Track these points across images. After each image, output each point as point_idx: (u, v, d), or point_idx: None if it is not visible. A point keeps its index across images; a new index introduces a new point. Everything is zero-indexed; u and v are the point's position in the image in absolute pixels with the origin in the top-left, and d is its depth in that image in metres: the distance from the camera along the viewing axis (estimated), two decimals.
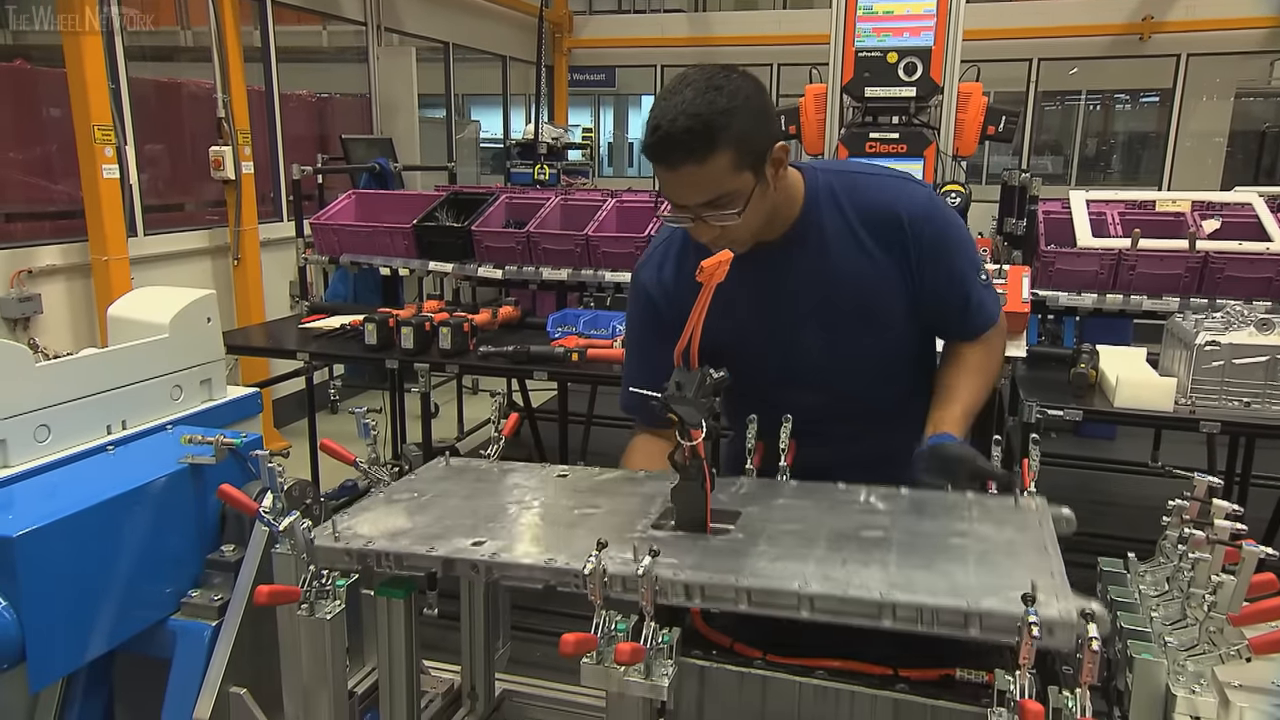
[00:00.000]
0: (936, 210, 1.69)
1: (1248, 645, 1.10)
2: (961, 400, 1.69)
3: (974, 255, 1.73)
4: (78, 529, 1.40)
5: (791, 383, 1.76)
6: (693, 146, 1.41)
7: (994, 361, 1.79)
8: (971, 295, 1.72)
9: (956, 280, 1.70)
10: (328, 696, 1.41)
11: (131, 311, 1.88)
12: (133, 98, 5.02)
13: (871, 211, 1.65)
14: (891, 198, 1.67)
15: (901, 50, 3.14)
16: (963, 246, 1.71)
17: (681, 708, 1.30)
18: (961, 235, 1.72)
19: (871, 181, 1.70)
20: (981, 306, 1.74)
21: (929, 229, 1.65)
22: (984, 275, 1.74)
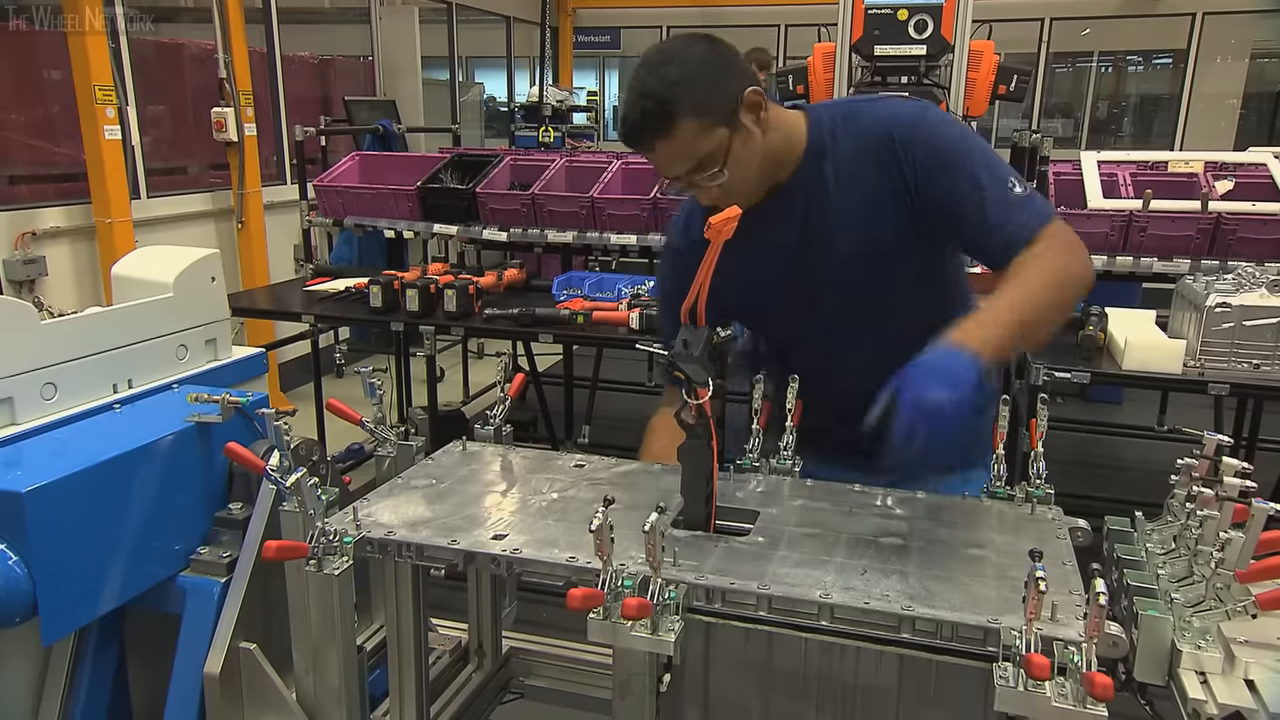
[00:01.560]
0: (927, 121, 1.56)
1: (1254, 601, 1.10)
2: (993, 307, 1.42)
3: (990, 161, 1.54)
4: (86, 485, 1.40)
5: (806, 334, 1.74)
6: (654, 126, 1.47)
7: (1049, 268, 1.46)
8: (988, 203, 1.51)
9: (966, 189, 1.52)
10: (336, 652, 1.43)
11: (135, 270, 1.87)
12: (134, 58, 4.97)
13: (866, 140, 1.58)
14: (882, 120, 1.58)
15: (912, 7, 3.08)
16: (967, 153, 1.54)
17: (687, 663, 1.32)
18: (962, 143, 1.55)
19: (867, 109, 1.62)
20: (1007, 212, 1.50)
21: (920, 141, 1.54)
22: (1014, 182, 1.52)
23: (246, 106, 5.31)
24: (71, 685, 1.57)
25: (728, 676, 1.31)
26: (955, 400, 1.25)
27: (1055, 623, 1.11)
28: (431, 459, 1.74)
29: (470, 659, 1.95)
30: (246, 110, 5.32)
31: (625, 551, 1.28)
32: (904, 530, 1.41)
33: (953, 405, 1.25)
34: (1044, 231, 1.49)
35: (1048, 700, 1.04)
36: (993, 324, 1.39)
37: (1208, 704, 1.04)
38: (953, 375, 1.29)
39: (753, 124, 1.53)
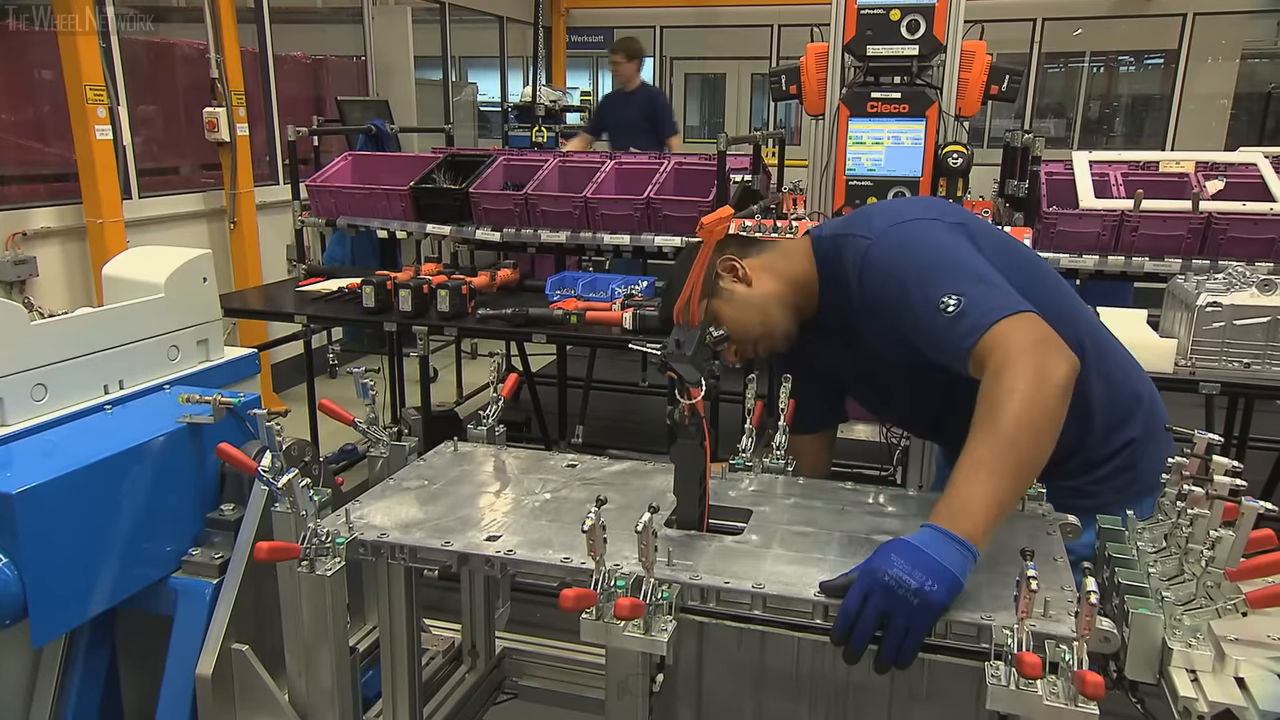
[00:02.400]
0: (868, 266, 1.52)
1: (1245, 600, 1.10)
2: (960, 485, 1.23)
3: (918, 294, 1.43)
4: (77, 487, 1.40)
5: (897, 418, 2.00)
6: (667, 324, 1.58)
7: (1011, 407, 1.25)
8: (924, 341, 1.45)
9: (907, 326, 1.48)
10: (329, 653, 1.42)
11: (126, 271, 1.87)
12: (125, 58, 4.95)
13: (840, 272, 1.60)
14: (848, 259, 1.57)
15: (904, 7, 3.08)
16: (899, 290, 1.47)
17: (681, 663, 1.32)
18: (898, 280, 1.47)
19: (842, 243, 1.60)
20: (939, 339, 1.41)
21: (866, 292, 1.55)
22: (947, 300, 1.39)
23: (239, 106, 5.29)
24: (62, 688, 1.57)
25: (721, 676, 1.31)
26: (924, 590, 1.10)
27: (1048, 619, 1.12)
28: (423, 459, 1.74)
29: (464, 660, 1.95)
30: (238, 110, 5.29)
31: (619, 552, 1.28)
32: (896, 528, 1.42)
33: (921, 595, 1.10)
34: (984, 344, 1.34)
35: (1039, 698, 1.04)
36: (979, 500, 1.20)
37: (1198, 702, 1.04)
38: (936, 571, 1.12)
39: (732, 284, 1.65)
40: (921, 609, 1.11)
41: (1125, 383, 1.66)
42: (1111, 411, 1.62)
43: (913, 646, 1.12)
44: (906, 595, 1.11)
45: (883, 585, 1.12)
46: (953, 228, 1.54)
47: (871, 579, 1.13)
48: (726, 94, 11.23)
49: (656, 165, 4.04)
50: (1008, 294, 1.40)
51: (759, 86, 10.60)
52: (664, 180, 3.88)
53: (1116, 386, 1.64)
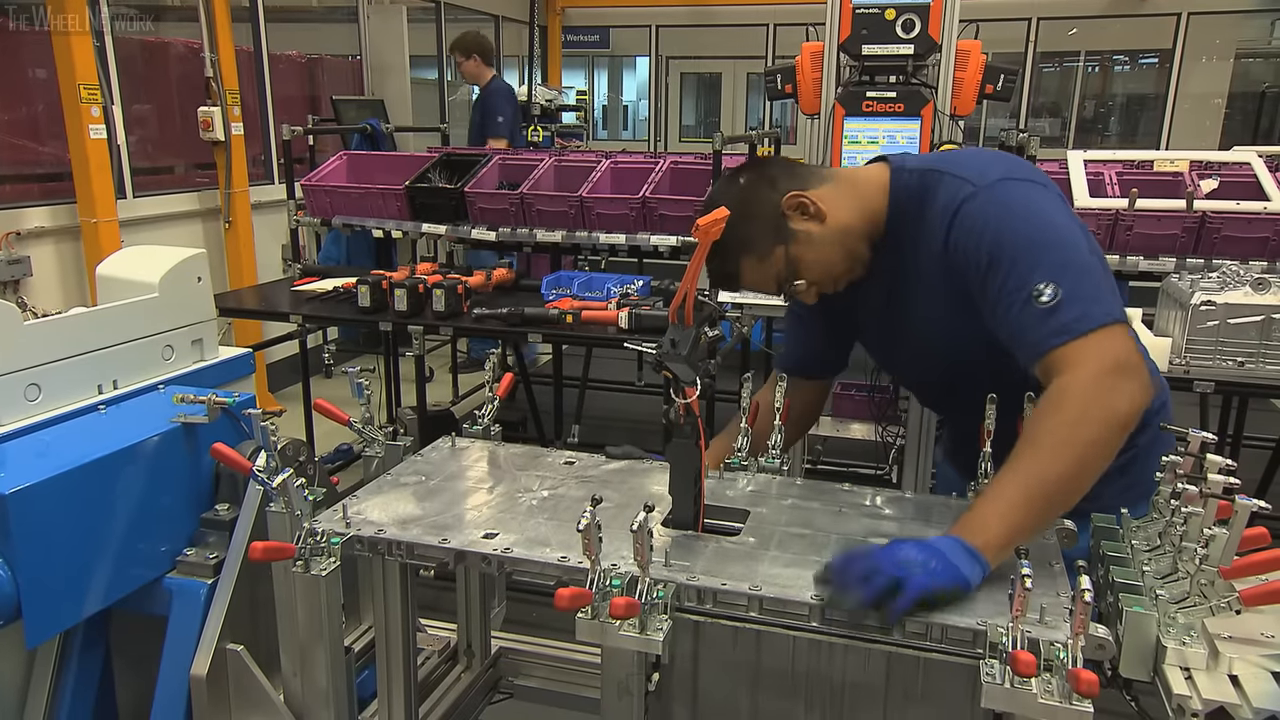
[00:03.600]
0: (970, 211, 1.40)
1: (1238, 598, 1.11)
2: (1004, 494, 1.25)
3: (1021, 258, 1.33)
4: (70, 487, 1.39)
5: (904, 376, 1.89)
6: (729, 279, 1.60)
7: (1066, 425, 1.23)
8: (1003, 317, 1.35)
9: (988, 294, 1.38)
10: (324, 652, 1.42)
11: (120, 270, 1.86)
12: (119, 57, 4.93)
13: (934, 222, 1.46)
14: (942, 205, 1.44)
15: (900, 7, 3.08)
16: (996, 249, 1.36)
17: (676, 662, 1.32)
18: (995, 244, 1.36)
19: (940, 182, 1.47)
20: (1024, 325, 1.31)
21: (959, 236, 1.41)
22: (1043, 288, 1.30)
23: (233, 105, 5.28)
24: (56, 688, 1.56)
25: (716, 675, 1.31)
26: (927, 566, 1.16)
27: (1044, 625, 1.12)
28: (420, 455, 1.74)
29: (459, 659, 1.95)
30: (233, 109, 5.28)
31: (616, 551, 1.28)
32: (894, 530, 1.42)
33: (924, 568, 1.16)
34: (1052, 361, 1.28)
35: (1034, 696, 1.04)
36: (999, 519, 1.22)
37: (1192, 699, 1.04)
38: (945, 558, 1.17)
39: (805, 223, 1.52)
40: (918, 578, 1.15)
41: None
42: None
43: (894, 603, 1.15)
44: (909, 564, 1.16)
45: (889, 557, 1.17)
46: (1061, 203, 1.42)
47: (881, 553, 1.19)
48: (722, 93, 11.24)
49: (652, 165, 4.04)
50: (1106, 294, 1.31)
51: (755, 86, 10.60)
52: (660, 180, 3.87)
53: None
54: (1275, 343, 2.59)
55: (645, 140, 11.13)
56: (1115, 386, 1.25)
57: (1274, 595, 1.09)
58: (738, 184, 1.56)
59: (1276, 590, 1.09)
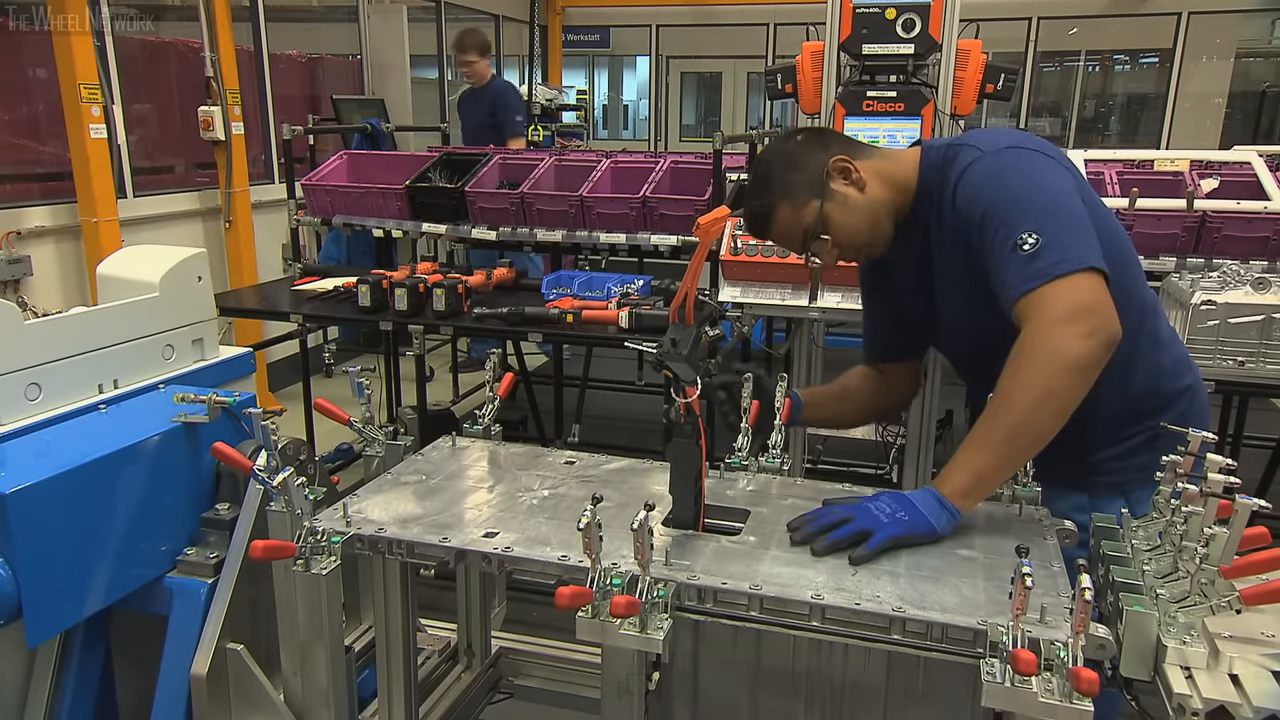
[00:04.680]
0: (969, 176, 1.49)
1: (1238, 597, 1.11)
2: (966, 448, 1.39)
3: (1002, 221, 1.41)
4: (71, 486, 1.39)
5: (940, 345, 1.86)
6: (762, 226, 1.66)
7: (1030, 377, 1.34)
8: (993, 263, 1.43)
9: (980, 249, 1.46)
10: (324, 652, 1.42)
11: (121, 270, 1.86)
12: (119, 57, 4.93)
13: (947, 190, 1.54)
14: (952, 171, 1.52)
15: (900, 6, 3.08)
16: (985, 211, 1.45)
17: (676, 661, 1.32)
18: (989, 199, 1.45)
19: (958, 154, 1.54)
20: (1006, 272, 1.40)
21: (960, 200, 1.50)
22: (1026, 236, 1.37)
23: (234, 105, 5.28)
24: (57, 688, 1.56)
25: (717, 674, 1.31)
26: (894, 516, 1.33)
27: (1044, 625, 1.12)
28: (421, 454, 1.74)
29: (459, 659, 1.95)
30: (233, 109, 5.28)
31: (617, 550, 1.28)
32: None
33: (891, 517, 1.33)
34: (1027, 303, 1.36)
35: (1034, 695, 1.04)
36: (961, 475, 1.36)
37: (1192, 699, 1.04)
38: (915, 509, 1.34)
39: (845, 186, 1.59)
40: (889, 524, 1.32)
41: (1173, 371, 1.63)
42: (1154, 396, 1.59)
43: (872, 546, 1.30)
44: (877, 513, 1.34)
45: (860, 505, 1.36)
46: (1064, 172, 1.50)
47: (854, 504, 1.37)
48: (722, 92, 11.23)
49: (652, 164, 4.04)
50: (1087, 245, 1.38)
51: (755, 85, 10.60)
52: (660, 179, 3.87)
53: (1164, 374, 1.61)
54: (1276, 342, 2.59)
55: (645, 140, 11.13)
56: (1066, 332, 1.33)
57: (1274, 594, 1.09)
58: (794, 139, 1.66)
59: (1277, 589, 1.09)
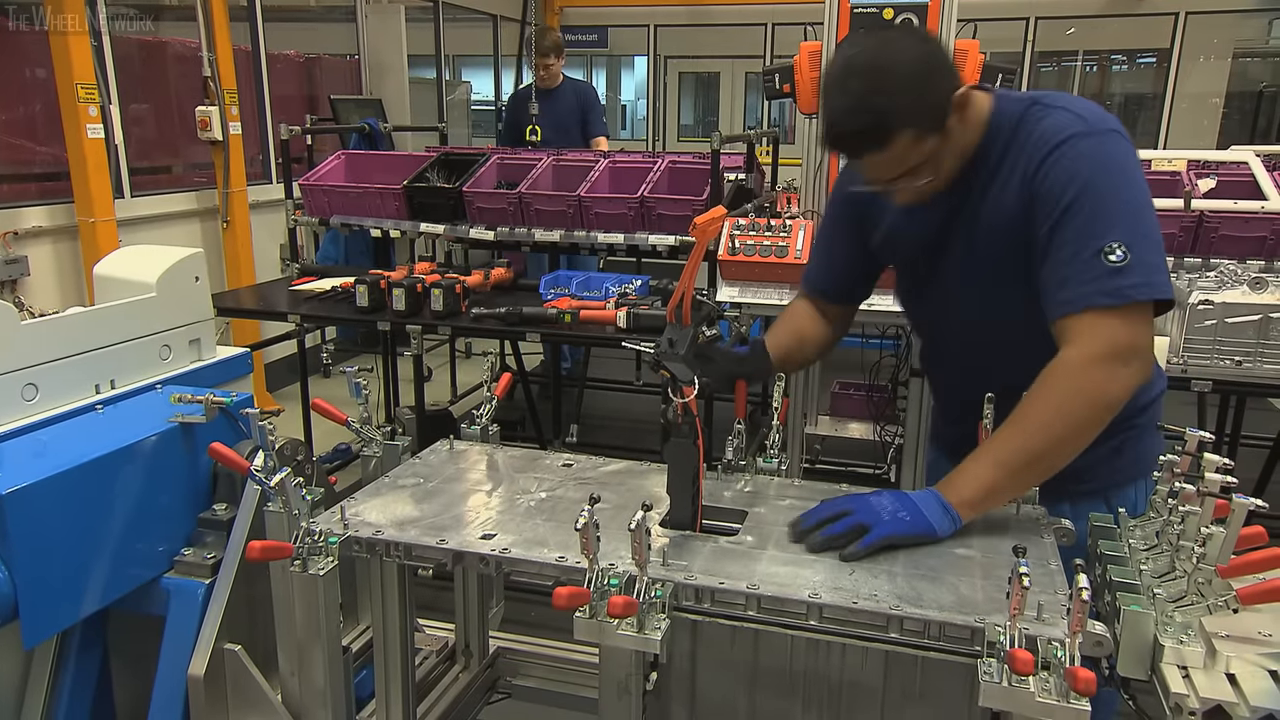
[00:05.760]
0: (1068, 150, 1.38)
1: (1235, 596, 1.11)
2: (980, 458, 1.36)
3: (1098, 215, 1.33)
4: (67, 487, 1.39)
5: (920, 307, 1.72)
6: (869, 142, 1.40)
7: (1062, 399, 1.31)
8: (1059, 256, 1.35)
9: (1050, 231, 1.37)
10: (322, 652, 1.42)
11: (118, 270, 1.86)
12: (117, 57, 4.93)
13: (1026, 154, 1.43)
14: (1039, 139, 1.42)
15: (897, 6, 3.08)
16: (1078, 198, 1.35)
17: (674, 661, 1.32)
18: (1087, 186, 1.35)
19: (1044, 114, 1.44)
20: (1073, 274, 1.33)
21: (1051, 169, 1.38)
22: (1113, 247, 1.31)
23: (231, 105, 5.27)
24: (54, 688, 1.56)
25: (714, 674, 1.31)
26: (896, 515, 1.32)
27: (1041, 623, 1.12)
28: (418, 458, 1.74)
29: (457, 659, 1.95)
30: (231, 109, 5.28)
31: (614, 551, 1.28)
32: None
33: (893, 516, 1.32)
34: (1087, 321, 1.31)
35: (1032, 695, 1.04)
36: (973, 486, 1.34)
37: (1189, 698, 1.04)
38: (917, 510, 1.33)
39: (957, 123, 1.44)
40: (889, 524, 1.31)
41: (1155, 375, 1.59)
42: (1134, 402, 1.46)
43: (866, 544, 1.30)
44: (878, 510, 1.33)
45: (861, 499, 1.35)
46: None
47: (854, 497, 1.37)
48: (720, 93, 11.23)
49: (650, 165, 4.04)
50: (1165, 270, 1.34)
51: (753, 85, 10.60)
52: (658, 179, 3.87)
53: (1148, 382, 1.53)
54: (1272, 342, 2.60)
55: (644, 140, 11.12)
56: (1116, 373, 1.30)
57: (1271, 594, 1.09)
58: (922, 47, 1.44)
59: (1274, 589, 1.09)
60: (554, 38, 5.82)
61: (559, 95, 5.86)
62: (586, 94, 5.97)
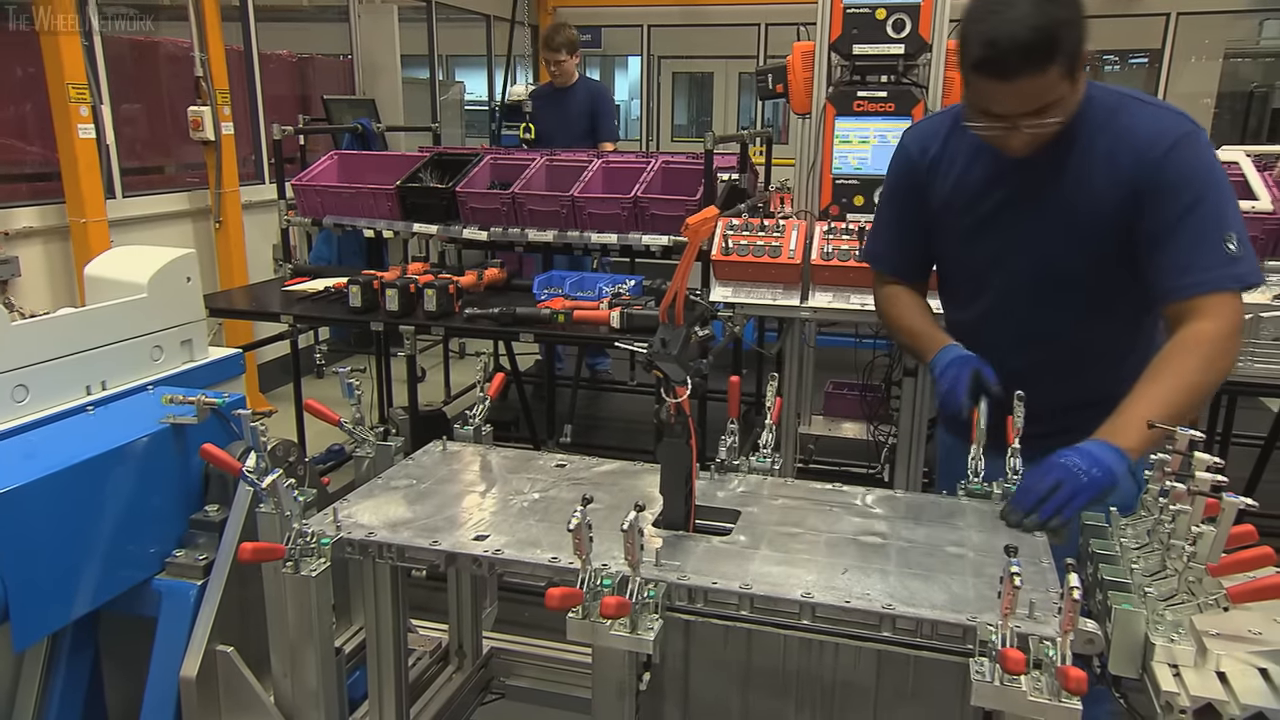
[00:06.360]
0: (1183, 149, 1.52)
1: (1226, 595, 1.11)
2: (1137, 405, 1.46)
3: (1222, 208, 1.51)
4: (58, 488, 1.38)
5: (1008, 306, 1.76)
6: (1033, 59, 1.43)
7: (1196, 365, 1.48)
8: (1182, 244, 1.51)
9: (1175, 221, 1.51)
10: (314, 654, 1.42)
11: (109, 271, 1.85)
12: (108, 56, 4.91)
13: (1123, 142, 1.55)
14: (1144, 131, 1.54)
15: (890, 6, 3.09)
16: (1201, 194, 1.51)
17: (667, 661, 1.32)
18: (1206, 183, 1.52)
19: (1137, 112, 1.58)
20: (1188, 267, 1.50)
21: (1170, 166, 1.51)
22: (1234, 237, 1.49)
23: (223, 105, 5.26)
24: (45, 690, 1.56)
25: (707, 674, 1.31)
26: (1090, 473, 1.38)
27: (1033, 620, 1.13)
28: (412, 459, 1.74)
29: (451, 660, 1.95)
30: (223, 109, 5.26)
31: (607, 551, 1.28)
32: (884, 529, 1.42)
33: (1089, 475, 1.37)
34: (1216, 300, 1.49)
35: (1023, 694, 1.05)
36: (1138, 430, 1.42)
37: (1180, 696, 1.05)
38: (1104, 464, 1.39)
39: (1079, 79, 1.52)
40: (1088, 485, 1.36)
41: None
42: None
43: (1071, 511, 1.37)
44: (1078, 473, 1.37)
45: (1061, 466, 1.39)
46: None
47: (1053, 465, 1.39)
48: (714, 93, 11.24)
49: (644, 164, 4.04)
50: (1255, 260, 1.53)
51: (746, 85, 10.61)
52: (651, 179, 3.87)
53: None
54: (1264, 341, 2.61)
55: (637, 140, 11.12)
56: (1234, 347, 1.52)
57: (1261, 592, 1.10)
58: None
59: (1264, 587, 1.10)
60: (568, 34, 5.61)
61: (571, 94, 5.70)
62: (598, 96, 5.80)
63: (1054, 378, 1.69)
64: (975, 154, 1.70)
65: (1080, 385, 1.70)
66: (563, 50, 5.57)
